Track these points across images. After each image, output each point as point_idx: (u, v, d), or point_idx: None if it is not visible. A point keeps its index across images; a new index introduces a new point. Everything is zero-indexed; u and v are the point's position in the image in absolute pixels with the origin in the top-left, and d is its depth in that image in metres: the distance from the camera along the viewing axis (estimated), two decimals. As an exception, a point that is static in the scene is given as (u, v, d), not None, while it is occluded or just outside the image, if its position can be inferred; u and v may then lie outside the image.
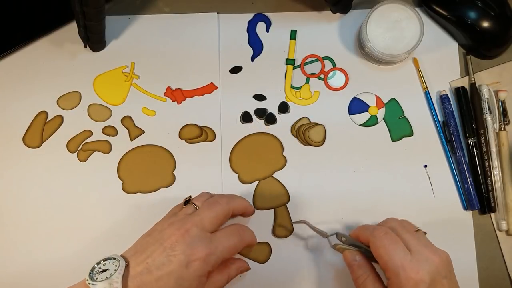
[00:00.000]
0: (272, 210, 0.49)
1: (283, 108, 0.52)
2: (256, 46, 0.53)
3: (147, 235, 0.41)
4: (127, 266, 0.38)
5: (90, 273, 0.38)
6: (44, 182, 0.50)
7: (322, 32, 0.53)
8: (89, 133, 0.51)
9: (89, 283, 0.37)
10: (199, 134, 0.51)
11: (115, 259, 0.38)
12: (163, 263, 0.38)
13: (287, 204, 0.49)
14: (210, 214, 0.41)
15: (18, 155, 0.50)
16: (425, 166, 0.50)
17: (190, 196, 0.44)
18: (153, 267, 0.37)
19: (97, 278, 0.37)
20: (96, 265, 0.38)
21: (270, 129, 0.51)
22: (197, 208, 0.42)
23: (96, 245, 0.48)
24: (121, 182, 0.50)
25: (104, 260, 0.39)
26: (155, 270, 0.37)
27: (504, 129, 0.50)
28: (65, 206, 0.49)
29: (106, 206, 0.49)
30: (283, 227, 0.49)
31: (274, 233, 0.49)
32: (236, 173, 0.50)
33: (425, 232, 0.43)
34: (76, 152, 0.50)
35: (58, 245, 0.48)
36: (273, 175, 0.50)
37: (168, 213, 0.44)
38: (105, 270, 0.37)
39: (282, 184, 0.50)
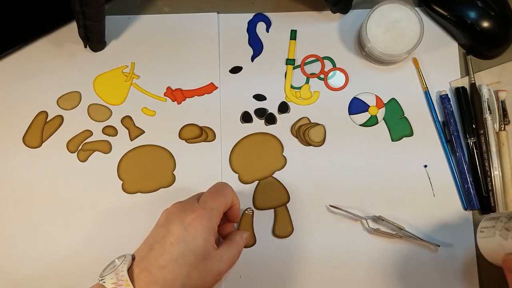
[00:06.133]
0: (272, 210, 0.49)
1: (283, 108, 0.52)
2: (256, 46, 0.53)
3: (150, 232, 0.42)
4: (134, 259, 0.39)
5: (101, 273, 0.39)
6: (44, 182, 0.50)
7: (322, 32, 0.53)
8: (89, 133, 0.51)
9: (99, 280, 0.37)
10: (199, 134, 0.51)
11: (122, 256, 0.39)
12: (163, 236, 0.38)
13: (287, 204, 0.49)
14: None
15: (18, 155, 0.50)
16: (425, 166, 0.50)
17: None
18: (155, 245, 0.38)
19: (106, 274, 0.37)
20: (107, 266, 0.39)
21: (270, 129, 0.51)
22: None
23: (96, 245, 0.48)
24: (121, 182, 0.50)
25: (112, 261, 0.39)
26: (157, 246, 0.38)
27: (504, 129, 0.50)
28: (65, 206, 0.49)
29: (106, 206, 0.49)
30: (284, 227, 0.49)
31: (274, 233, 0.49)
32: (236, 173, 0.50)
33: None
34: (76, 152, 0.50)
35: (58, 245, 0.48)
36: (273, 175, 0.50)
37: None
38: (113, 267, 0.38)
39: (282, 184, 0.50)
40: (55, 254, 0.48)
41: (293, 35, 0.53)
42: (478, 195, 0.49)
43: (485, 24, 0.50)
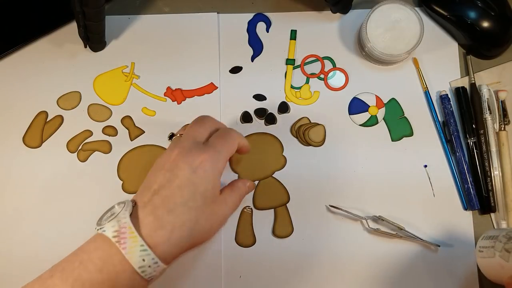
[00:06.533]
0: (272, 210, 0.49)
1: (283, 108, 0.52)
2: (256, 46, 0.53)
3: (148, 176, 0.39)
4: (134, 205, 0.37)
5: (98, 221, 0.36)
6: (44, 182, 0.49)
7: (322, 32, 0.53)
8: (89, 133, 0.51)
9: (98, 229, 0.35)
10: (199, 134, 0.51)
11: (122, 202, 0.37)
12: (169, 180, 0.36)
13: (287, 204, 0.49)
14: (198, 128, 0.41)
15: (18, 155, 0.50)
16: (425, 166, 0.50)
17: (172, 133, 0.43)
18: (161, 189, 0.36)
19: (105, 222, 0.35)
20: (104, 214, 0.37)
21: (270, 129, 0.51)
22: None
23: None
24: (121, 182, 0.50)
25: (111, 208, 0.37)
26: (163, 190, 0.35)
27: (504, 129, 0.50)
28: (65, 206, 0.49)
29: (106, 206, 0.49)
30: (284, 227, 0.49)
31: (274, 233, 0.49)
32: (236, 173, 0.50)
33: None
34: (76, 152, 0.50)
35: (58, 245, 0.48)
36: (273, 175, 0.50)
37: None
38: (112, 214, 0.36)
39: (282, 184, 0.50)
40: (55, 255, 0.48)
41: (293, 35, 0.53)
42: (478, 195, 0.49)
43: (485, 24, 0.50)
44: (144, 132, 0.51)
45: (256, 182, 0.50)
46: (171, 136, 0.43)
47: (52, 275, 0.34)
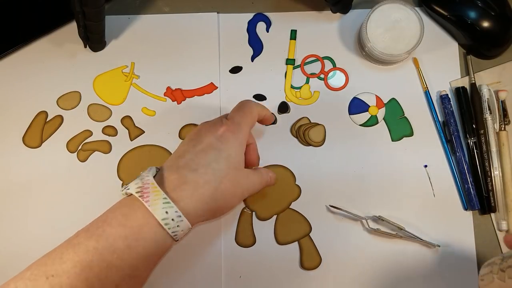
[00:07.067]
0: (296, 243, 0.49)
1: (283, 108, 0.52)
2: (256, 46, 0.53)
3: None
4: (159, 170, 0.39)
5: (124, 186, 0.39)
6: (44, 182, 0.49)
7: (322, 32, 0.53)
8: (89, 133, 0.51)
9: (122, 190, 0.38)
10: (199, 134, 0.51)
11: (149, 168, 0.39)
12: (194, 146, 0.39)
13: (310, 234, 0.49)
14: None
15: (18, 155, 0.50)
16: (425, 166, 0.50)
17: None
18: (185, 153, 0.38)
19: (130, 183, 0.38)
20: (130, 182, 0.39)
21: (270, 129, 0.51)
22: None
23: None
24: (121, 182, 0.50)
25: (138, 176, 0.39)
26: (187, 154, 0.38)
27: (504, 129, 0.50)
28: (64, 207, 0.49)
29: (106, 206, 0.49)
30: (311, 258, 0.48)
31: (302, 266, 0.48)
32: (254, 211, 0.49)
33: None
34: (76, 152, 0.50)
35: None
36: (290, 207, 0.49)
37: None
38: (137, 178, 0.38)
39: (301, 214, 0.49)
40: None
41: (293, 35, 0.53)
42: (478, 195, 0.49)
43: (485, 24, 0.50)
44: (144, 132, 0.51)
45: (275, 217, 0.49)
46: None
47: (77, 235, 0.36)
